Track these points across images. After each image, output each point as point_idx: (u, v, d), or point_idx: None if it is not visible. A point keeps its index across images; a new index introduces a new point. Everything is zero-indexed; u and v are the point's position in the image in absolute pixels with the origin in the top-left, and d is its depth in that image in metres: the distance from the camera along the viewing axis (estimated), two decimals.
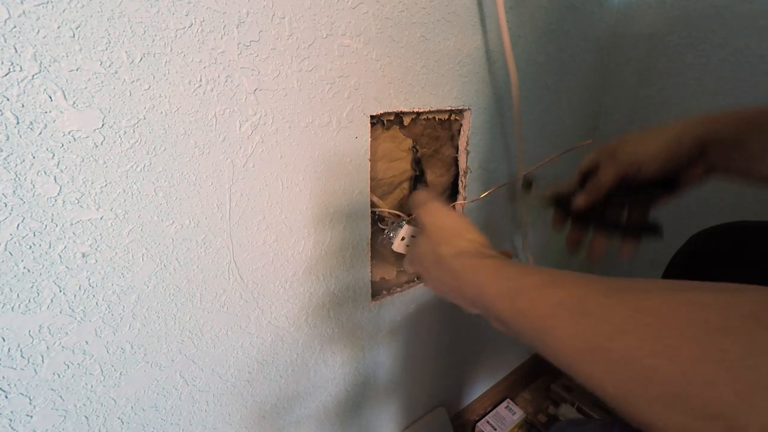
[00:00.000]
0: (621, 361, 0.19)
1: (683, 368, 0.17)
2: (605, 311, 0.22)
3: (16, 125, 0.27)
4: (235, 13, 0.34)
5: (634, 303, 0.21)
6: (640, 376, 0.19)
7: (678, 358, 0.17)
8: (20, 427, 0.33)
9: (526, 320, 0.26)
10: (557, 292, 0.25)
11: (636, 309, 0.20)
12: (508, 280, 0.29)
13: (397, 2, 0.44)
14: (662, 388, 0.18)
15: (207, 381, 0.43)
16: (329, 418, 0.59)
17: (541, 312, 0.25)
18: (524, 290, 0.27)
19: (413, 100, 0.50)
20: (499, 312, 0.28)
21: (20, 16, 0.26)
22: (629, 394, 0.19)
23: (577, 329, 0.22)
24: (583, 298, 0.23)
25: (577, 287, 0.24)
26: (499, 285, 0.29)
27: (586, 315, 0.22)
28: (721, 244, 0.46)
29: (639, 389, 0.19)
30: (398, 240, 0.46)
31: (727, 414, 0.16)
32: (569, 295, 0.24)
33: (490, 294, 0.29)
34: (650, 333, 0.19)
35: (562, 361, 0.24)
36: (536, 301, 0.26)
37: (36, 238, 0.30)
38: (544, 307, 0.25)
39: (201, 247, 0.38)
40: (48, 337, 0.32)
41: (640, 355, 0.19)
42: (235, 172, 0.38)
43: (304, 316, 0.49)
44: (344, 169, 0.46)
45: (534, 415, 0.96)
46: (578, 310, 0.23)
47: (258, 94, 0.37)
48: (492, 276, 0.30)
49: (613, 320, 0.21)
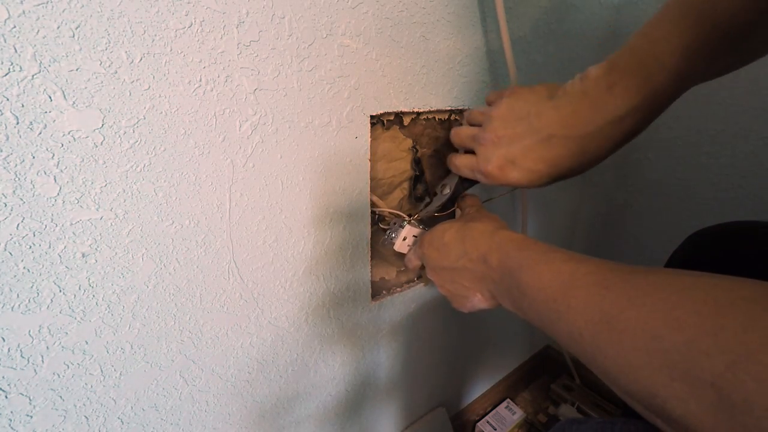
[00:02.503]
0: (632, 330, 0.21)
1: (688, 337, 0.18)
2: (626, 286, 0.23)
3: (16, 125, 0.27)
4: (235, 13, 0.34)
5: (655, 281, 0.22)
6: (648, 345, 0.20)
7: (685, 328, 0.19)
8: (20, 427, 0.33)
9: (545, 291, 0.27)
10: (583, 266, 0.26)
11: (655, 286, 0.21)
12: (533, 252, 0.30)
13: (397, 2, 0.44)
14: (667, 356, 0.19)
15: (207, 381, 0.43)
16: (329, 418, 0.59)
17: (562, 282, 0.26)
18: (549, 261, 0.28)
19: (413, 100, 0.49)
20: (519, 281, 0.29)
21: (20, 16, 0.26)
22: (635, 363, 0.20)
23: (595, 300, 0.23)
24: (608, 274, 0.24)
25: (603, 264, 0.26)
26: (525, 255, 0.31)
27: (607, 288, 0.23)
28: (719, 245, 0.46)
29: (645, 357, 0.20)
30: (400, 240, 0.46)
31: (717, 383, 0.17)
32: (596, 269, 0.25)
33: (514, 262, 0.31)
34: (663, 306, 0.20)
35: (571, 333, 0.24)
36: (560, 272, 0.27)
37: (36, 238, 0.30)
38: (566, 277, 0.26)
39: (201, 247, 0.38)
40: (48, 337, 0.32)
41: (651, 326, 0.20)
42: (235, 172, 0.38)
43: (304, 316, 0.49)
44: (344, 169, 0.46)
45: (534, 415, 0.96)
46: (601, 284, 0.24)
47: (258, 94, 0.37)
48: (519, 246, 0.32)
49: (631, 293, 0.22)
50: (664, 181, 0.83)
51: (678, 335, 0.19)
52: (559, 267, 0.27)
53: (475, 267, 0.35)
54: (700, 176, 0.77)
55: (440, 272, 0.39)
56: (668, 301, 0.20)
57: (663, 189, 0.84)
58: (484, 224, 0.37)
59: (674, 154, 0.80)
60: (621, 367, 0.21)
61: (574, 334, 0.24)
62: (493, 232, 0.35)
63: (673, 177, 0.82)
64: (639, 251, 0.93)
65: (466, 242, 0.36)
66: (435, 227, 0.42)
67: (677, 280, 0.21)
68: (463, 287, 0.37)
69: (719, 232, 0.47)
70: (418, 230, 0.49)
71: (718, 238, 0.47)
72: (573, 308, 0.24)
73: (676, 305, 0.20)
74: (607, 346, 0.22)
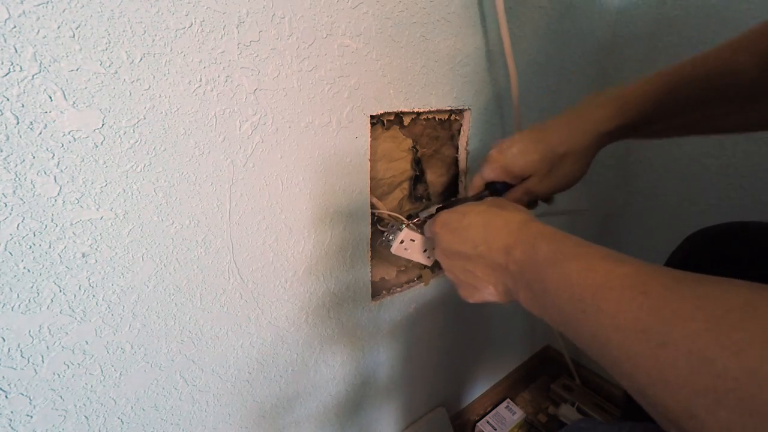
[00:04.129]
0: (675, 346, 0.19)
1: (750, 366, 0.16)
2: (670, 295, 0.20)
3: (16, 125, 0.27)
4: (235, 13, 0.34)
5: (707, 293, 0.20)
6: (694, 366, 0.18)
7: (747, 355, 0.16)
8: (20, 427, 0.33)
9: (572, 288, 0.25)
10: (620, 266, 0.24)
11: (708, 299, 0.19)
12: (565, 246, 0.28)
13: (397, 2, 0.44)
14: (718, 382, 0.17)
15: (207, 381, 0.43)
16: (329, 418, 0.59)
17: (594, 281, 0.24)
18: (582, 257, 0.26)
19: (413, 100, 0.50)
20: (544, 276, 0.27)
21: (20, 16, 0.26)
22: (673, 381, 0.18)
23: (630, 306, 0.21)
24: (649, 279, 0.22)
25: (644, 267, 0.23)
26: (555, 249, 0.28)
27: (646, 294, 0.21)
28: (717, 245, 0.46)
29: (688, 377, 0.18)
30: (397, 243, 0.46)
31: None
32: (635, 271, 0.23)
33: (541, 255, 0.28)
34: (719, 325, 0.18)
35: (596, 336, 0.23)
36: (593, 270, 0.25)
37: (36, 238, 0.30)
38: (600, 277, 0.24)
39: (201, 247, 0.38)
40: (48, 337, 0.32)
41: (701, 346, 0.18)
42: (235, 172, 0.38)
43: (304, 316, 0.49)
44: (344, 169, 0.46)
45: (534, 415, 0.96)
46: (639, 288, 0.22)
47: (258, 94, 0.37)
48: (550, 240, 0.29)
49: (676, 305, 0.20)
50: (664, 182, 0.83)
51: (736, 361, 0.16)
52: (593, 264, 0.25)
53: (494, 257, 0.32)
54: (700, 176, 0.78)
55: (452, 257, 0.36)
56: (726, 320, 0.18)
57: (663, 189, 0.84)
58: (511, 213, 0.34)
59: (674, 155, 0.80)
60: (653, 380, 0.19)
61: (600, 338, 0.23)
62: (522, 223, 0.32)
63: (673, 177, 0.82)
64: (639, 252, 0.93)
65: (489, 230, 0.34)
66: (455, 208, 0.38)
67: (735, 294, 0.19)
68: (475, 277, 0.35)
69: (718, 233, 0.47)
70: (417, 234, 0.49)
71: (717, 238, 0.47)
72: (603, 311, 0.23)
73: (736, 326, 0.17)
74: (638, 356, 0.20)
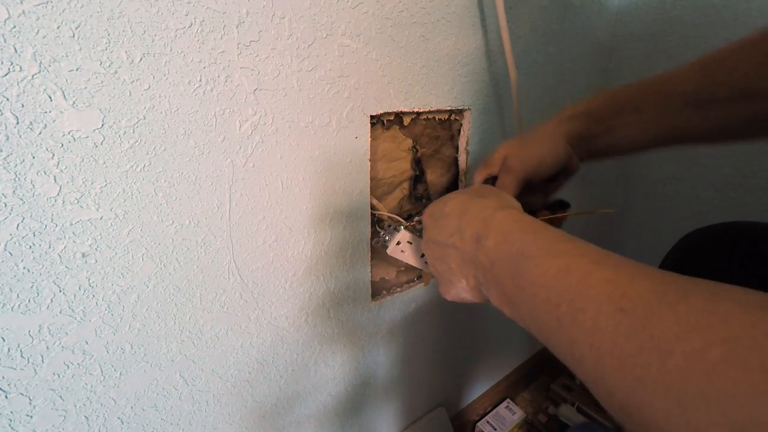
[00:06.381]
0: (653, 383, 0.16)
1: (737, 420, 0.13)
2: (649, 315, 0.17)
3: (16, 125, 0.27)
4: (234, 13, 0.34)
5: (686, 315, 0.16)
6: (672, 410, 0.15)
7: (730, 410, 0.14)
8: (20, 427, 0.33)
9: (547, 290, 0.22)
10: (600, 269, 0.20)
11: (686, 324, 0.16)
12: (541, 239, 0.24)
13: (397, 2, 0.44)
14: (734, 428, 0.14)
15: (207, 381, 0.43)
16: (329, 418, 0.59)
17: (569, 285, 0.21)
18: (560, 254, 0.23)
19: (413, 100, 0.49)
20: (517, 271, 0.24)
21: (20, 16, 0.26)
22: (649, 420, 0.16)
23: (608, 324, 0.18)
24: (628, 289, 0.18)
25: (626, 270, 0.20)
26: (530, 240, 0.25)
27: (624, 312, 0.18)
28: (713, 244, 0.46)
29: (665, 421, 0.15)
30: (393, 244, 0.45)
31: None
32: (615, 276, 0.19)
33: (516, 247, 0.25)
34: (698, 364, 0.15)
35: (572, 351, 0.20)
36: (569, 271, 0.21)
37: (36, 238, 0.30)
38: (576, 281, 0.21)
39: (201, 247, 0.38)
40: (48, 337, 0.32)
41: (679, 388, 0.15)
42: (235, 172, 0.38)
43: (304, 316, 0.49)
44: (344, 169, 0.46)
45: (534, 415, 0.96)
46: (617, 303, 0.18)
47: (258, 94, 0.37)
48: (524, 229, 0.26)
49: (655, 330, 0.16)
50: (663, 182, 0.83)
51: (718, 415, 0.13)
52: (570, 263, 0.21)
53: (465, 247, 0.29)
54: (700, 177, 0.78)
55: (432, 247, 0.34)
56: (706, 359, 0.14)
57: (663, 189, 0.84)
58: (489, 200, 0.31)
59: (674, 155, 0.80)
60: (628, 413, 0.17)
61: (575, 353, 0.20)
62: (496, 209, 0.29)
63: (673, 177, 0.82)
64: (638, 252, 0.93)
65: (464, 217, 0.31)
66: (442, 196, 0.36)
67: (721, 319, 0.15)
68: (450, 270, 0.31)
69: (715, 232, 0.47)
70: (414, 237, 0.48)
71: (714, 237, 0.47)
72: (578, 324, 0.19)
73: (718, 369, 0.14)
74: (614, 387, 0.17)
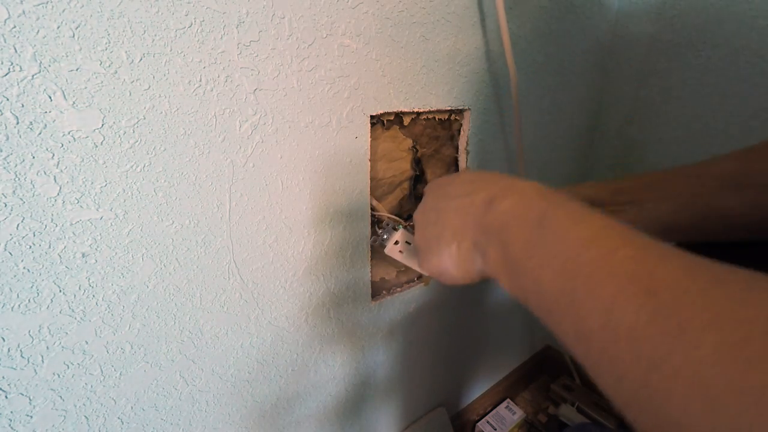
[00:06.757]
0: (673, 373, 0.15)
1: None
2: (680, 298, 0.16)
3: (16, 125, 0.27)
4: (235, 13, 0.34)
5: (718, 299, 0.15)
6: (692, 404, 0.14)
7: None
8: (20, 427, 0.33)
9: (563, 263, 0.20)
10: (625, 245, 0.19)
11: (719, 310, 0.15)
12: (563, 208, 0.23)
13: (397, 2, 0.44)
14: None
15: (207, 381, 0.43)
16: (329, 418, 0.59)
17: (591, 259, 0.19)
18: (582, 222, 0.21)
19: (413, 100, 0.49)
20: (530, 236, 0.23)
21: (20, 16, 0.26)
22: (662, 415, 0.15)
23: (630, 306, 0.17)
24: (656, 268, 0.17)
25: (650, 249, 0.18)
26: (549, 206, 0.23)
27: (651, 294, 0.16)
28: None
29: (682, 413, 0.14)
30: (391, 243, 0.45)
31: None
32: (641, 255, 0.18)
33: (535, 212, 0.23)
34: (731, 356, 0.14)
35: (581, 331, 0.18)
36: (593, 242, 0.20)
37: (36, 238, 0.30)
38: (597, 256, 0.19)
39: (201, 247, 0.38)
40: (48, 337, 0.32)
41: (706, 379, 0.14)
42: (235, 172, 0.38)
43: (304, 316, 0.49)
44: (344, 169, 0.46)
45: (534, 415, 0.96)
46: (644, 283, 0.17)
47: (258, 94, 0.37)
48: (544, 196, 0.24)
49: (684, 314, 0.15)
50: None
51: (756, 413, 0.12)
52: (594, 236, 0.20)
53: (471, 206, 0.28)
54: None
55: (428, 213, 0.32)
56: (742, 351, 0.13)
57: None
58: (507, 176, 0.29)
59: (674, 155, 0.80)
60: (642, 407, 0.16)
61: (583, 331, 0.18)
62: (516, 180, 0.27)
63: None
64: None
65: (476, 183, 0.29)
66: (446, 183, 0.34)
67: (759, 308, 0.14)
68: (440, 236, 0.30)
69: None
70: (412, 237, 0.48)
71: None
72: (594, 300, 0.18)
73: (755, 363, 0.13)
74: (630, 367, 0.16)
